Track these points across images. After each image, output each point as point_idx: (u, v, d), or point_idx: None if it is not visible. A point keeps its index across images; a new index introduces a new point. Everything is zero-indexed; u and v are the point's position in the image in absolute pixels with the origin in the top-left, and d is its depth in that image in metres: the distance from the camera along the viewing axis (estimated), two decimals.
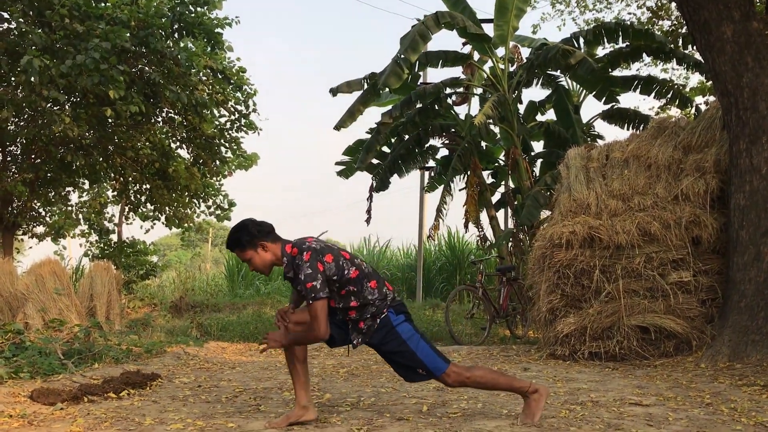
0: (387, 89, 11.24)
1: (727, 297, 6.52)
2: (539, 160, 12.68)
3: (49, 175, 13.47)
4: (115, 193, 16.07)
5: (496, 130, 12.46)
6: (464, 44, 12.26)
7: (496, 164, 13.33)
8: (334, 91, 11.89)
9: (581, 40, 11.31)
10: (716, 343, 6.26)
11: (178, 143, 14.57)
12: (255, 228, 3.81)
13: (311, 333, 3.70)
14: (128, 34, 10.89)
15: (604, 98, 11.72)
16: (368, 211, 12.84)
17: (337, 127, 11.75)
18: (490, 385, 3.93)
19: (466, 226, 12.25)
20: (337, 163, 13.38)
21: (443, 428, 3.74)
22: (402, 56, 10.43)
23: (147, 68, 11.86)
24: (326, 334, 3.69)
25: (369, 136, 12.30)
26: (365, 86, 11.59)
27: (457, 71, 12.81)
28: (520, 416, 3.88)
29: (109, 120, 12.54)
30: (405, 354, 3.81)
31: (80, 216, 16.18)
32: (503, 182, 13.07)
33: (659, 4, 13.16)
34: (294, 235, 4.05)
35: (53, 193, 14.61)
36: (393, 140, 12.51)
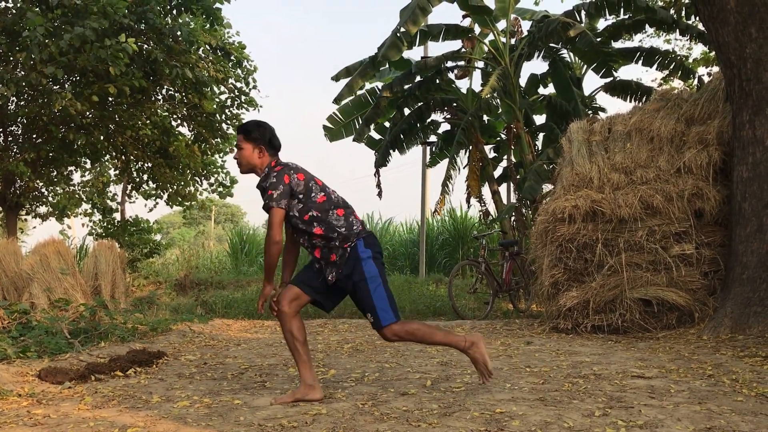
0: (388, 65, 11.17)
1: (730, 269, 6.54)
2: (541, 134, 12.62)
3: (50, 154, 13.45)
4: (117, 171, 16.07)
5: (497, 103, 12.38)
6: (464, 17, 12.15)
7: (498, 138, 13.27)
8: (336, 78, 11.86)
9: (583, 13, 11.20)
10: (718, 315, 6.28)
11: (178, 121, 14.54)
12: (269, 134, 3.97)
13: (268, 244, 3.81)
14: (126, 10, 10.80)
15: (603, 72, 11.63)
16: (378, 185, 12.80)
17: (337, 101, 11.71)
18: (427, 339, 3.91)
19: (468, 201, 12.24)
20: (326, 124, 13.11)
21: (447, 402, 3.78)
22: (402, 29, 10.35)
23: (147, 45, 11.79)
24: (279, 239, 3.80)
25: (367, 97, 12.25)
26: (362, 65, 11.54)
27: (457, 45, 12.71)
28: (479, 377, 3.97)
29: (110, 99, 12.50)
30: (362, 291, 3.83)
31: (83, 195, 16.20)
32: (505, 156, 13.02)
33: None
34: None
35: (55, 173, 14.62)
36: (394, 114, 12.46)
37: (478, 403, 3.76)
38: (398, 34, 10.39)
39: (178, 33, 11.56)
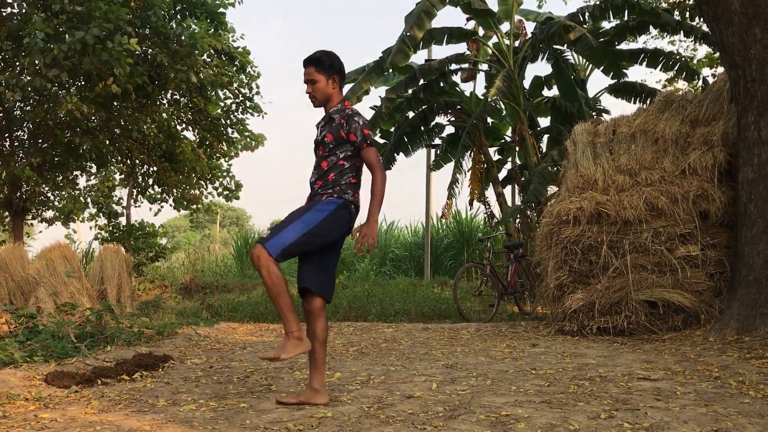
0: (391, 70, 11.17)
1: (736, 270, 6.52)
2: (546, 136, 12.62)
3: (56, 159, 13.51)
4: (123, 176, 16.11)
5: (502, 106, 12.38)
6: (468, 20, 12.15)
7: (503, 141, 13.26)
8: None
9: (587, 15, 11.20)
10: (724, 316, 6.27)
11: (183, 125, 14.58)
12: (338, 62, 3.95)
13: (379, 181, 3.79)
14: (129, 15, 10.85)
15: (612, 73, 11.63)
16: None
17: None
18: (273, 293, 3.65)
19: (471, 204, 12.23)
20: None
21: (452, 405, 3.78)
22: (407, 34, 10.37)
23: (151, 49, 11.84)
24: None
25: (373, 112, 12.24)
26: (366, 70, 11.56)
27: (461, 48, 12.72)
28: (272, 351, 3.70)
29: (115, 103, 12.54)
30: (296, 212, 3.76)
31: (88, 200, 16.24)
32: (510, 158, 13.00)
33: None
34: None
35: (61, 177, 14.65)
36: (397, 118, 12.46)
37: (484, 405, 3.76)
38: (404, 40, 10.42)
39: (182, 37, 11.60)
